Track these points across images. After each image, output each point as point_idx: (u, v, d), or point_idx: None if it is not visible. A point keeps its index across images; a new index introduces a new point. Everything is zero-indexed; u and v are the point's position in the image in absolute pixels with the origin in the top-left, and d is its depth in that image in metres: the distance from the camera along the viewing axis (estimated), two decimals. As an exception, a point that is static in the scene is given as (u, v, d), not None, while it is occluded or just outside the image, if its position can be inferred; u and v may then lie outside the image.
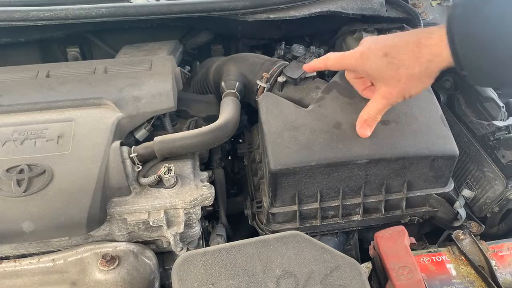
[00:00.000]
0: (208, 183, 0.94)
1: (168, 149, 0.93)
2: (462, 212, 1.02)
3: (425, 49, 0.77)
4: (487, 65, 0.73)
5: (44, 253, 0.88)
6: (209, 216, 1.10)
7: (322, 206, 0.96)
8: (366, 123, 0.90)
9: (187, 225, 0.92)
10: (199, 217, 0.94)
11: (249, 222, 1.06)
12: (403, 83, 0.81)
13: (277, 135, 0.92)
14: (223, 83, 1.11)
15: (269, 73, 1.08)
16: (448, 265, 0.88)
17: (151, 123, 1.02)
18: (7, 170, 0.85)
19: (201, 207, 0.93)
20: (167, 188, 0.90)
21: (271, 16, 1.18)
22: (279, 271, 0.74)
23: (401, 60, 0.79)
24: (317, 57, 1.14)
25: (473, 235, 0.92)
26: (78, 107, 0.98)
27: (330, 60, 0.93)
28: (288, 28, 1.29)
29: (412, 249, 0.86)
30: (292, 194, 0.94)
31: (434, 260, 0.89)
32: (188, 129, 1.05)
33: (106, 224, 0.88)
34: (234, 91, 1.08)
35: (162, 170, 0.88)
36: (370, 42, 0.87)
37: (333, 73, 1.11)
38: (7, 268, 0.86)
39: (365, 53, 0.85)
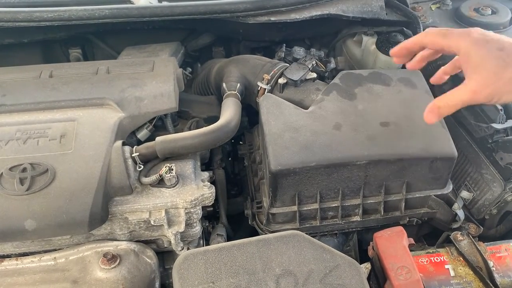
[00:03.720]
0: (209, 183, 0.94)
1: (170, 149, 0.94)
2: (461, 214, 1.02)
3: None
4: None
5: (45, 251, 0.89)
6: (210, 216, 1.11)
7: (321, 207, 0.97)
8: (438, 110, 0.79)
9: (188, 224, 0.93)
10: (200, 217, 0.95)
11: (249, 222, 1.07)
12: (503, 83, 0.72)
13: (277, 136, 0.93)
14: (224, 85, 1.12)
15: (270, 75, 1.09)
16: (447, 266, 0.88)
17: (153, 123, 1.03)
18: (10, 169, 0.85)
19: (202, 207, 0.94)
20: (168, 188, 0.91)
21: (272, 18, 1.19)
22: (279, 270, 0.74)
23: None
24: (317, 60, 1.15)
25: (471, 236, 0.93)
26: (80, 107, 0.99)
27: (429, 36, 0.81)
28: (289, 31, 1.30)
29: (411, 250, 0.87)
30: (292, 194, 0.95)
31: (433, 261, 0.89)
32: (190, 129, 1.06)
33: (108, 223, 0.88)
34: (235, 92, 1.09)
35: (164, 169, 0.89)
36: (484, 31, 0.77)
37: (333, 76, 1.13)
38: (9, 266, 0.86)
39: (479, 40, 0.75)
